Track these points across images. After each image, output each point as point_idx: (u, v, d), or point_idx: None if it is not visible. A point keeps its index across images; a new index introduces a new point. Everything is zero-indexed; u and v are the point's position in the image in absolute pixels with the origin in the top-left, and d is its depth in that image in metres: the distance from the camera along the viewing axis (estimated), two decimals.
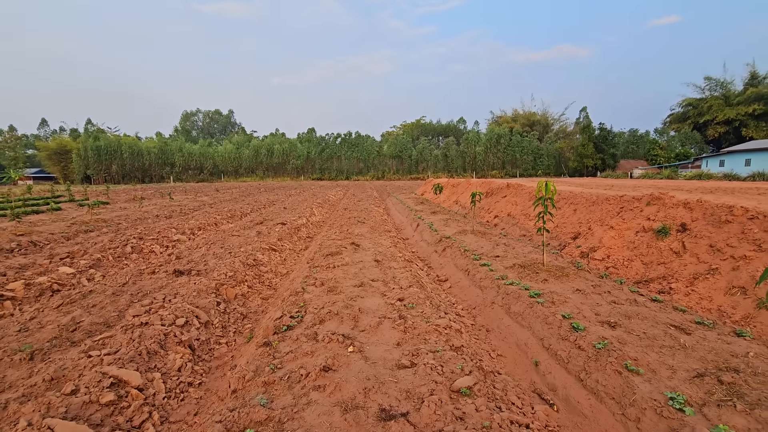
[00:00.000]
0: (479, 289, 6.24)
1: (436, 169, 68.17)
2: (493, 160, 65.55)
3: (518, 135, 65.28)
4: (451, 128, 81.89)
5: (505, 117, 76.44)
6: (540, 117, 73.48)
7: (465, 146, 67.57)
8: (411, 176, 67.09)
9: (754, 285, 4.51)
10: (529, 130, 68.60)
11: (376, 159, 70.92)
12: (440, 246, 9.27)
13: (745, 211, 5.89)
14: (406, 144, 70.65)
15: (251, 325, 5.19)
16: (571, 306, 4.66)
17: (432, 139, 79.22)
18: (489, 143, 65.56)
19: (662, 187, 15.14)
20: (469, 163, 66.89)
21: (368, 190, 34.01)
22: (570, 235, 9.14)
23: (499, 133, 65.36)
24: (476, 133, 70.41)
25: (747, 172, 30.99)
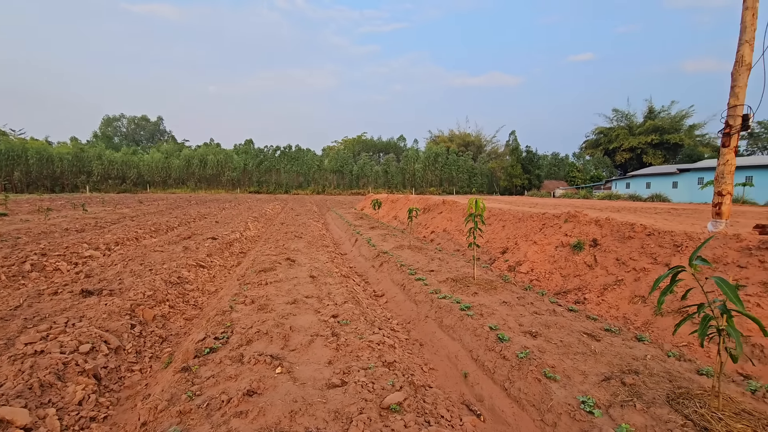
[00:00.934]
0: (414, 304, 6.33)
1: (376, 184, 69.03)
2: (432, 177, 67.94)
3: (454, 154, 68.49)
4: (391, 145, 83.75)
5: (442, 137, 79.90)
6: (474, 138, 77.84)
7: (405, 163, 69.39)
8: (352, 191, 67.25)
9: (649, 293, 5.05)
10: (465, 150, 72.31)
11: (316, 173, 70.22)
12: (378, 261, 9.31)
13: (643, 228, 6.64)
14: (347, 159, 70.88)
15: (171, 349, 4.77)
16: (497, 317, 4.88)
17: (373, 155, 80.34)
18: (427, 161, 67.95)
19: (578, 205, 16.63)
20: (408, 179, 68.67)
21: (308, 205, 33.45)
22: (499, 250, 9.66)
23: (437, 152, 68.08)
24: (415, 151, 72.71)
25: (647, 194, 35.19)
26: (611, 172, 56.63)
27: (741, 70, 5.48)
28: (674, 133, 51.97)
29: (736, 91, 5.56)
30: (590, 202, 24.97)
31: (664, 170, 38.19)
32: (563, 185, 55.21)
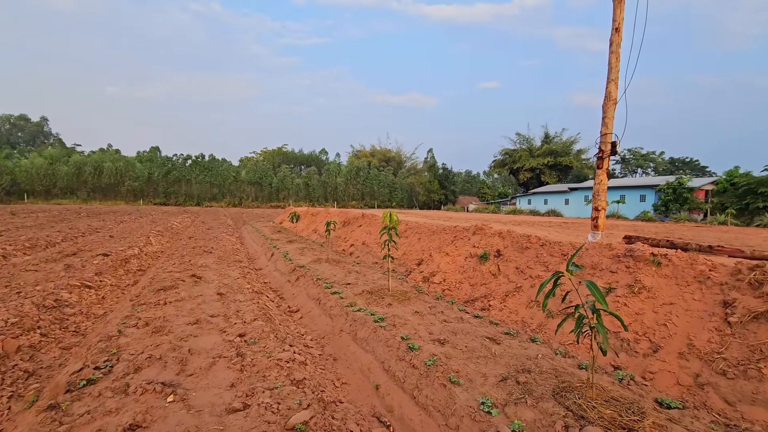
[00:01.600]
0: (329, 318, 6.23)
1: (297, 197, 67.53)
2: (353, 191, 68.44)
3: (375, 169, 69.95)
4: (313, 158, 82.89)
5: (364, 151, 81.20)
6: (395, 154, 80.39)
7: (327, 177, 69.04)
8: (271, 204, 64.88)
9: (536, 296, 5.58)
10: (385, 165, 74.27)
11: (233, 185, 66.55)
12: (294, 276, 9.03)
13: (538, 240, 7.37)
14: (266, 171, 68.41)
15: (39, 385, 4.07)
16: (409, 327, 5.00)
17: (294, 167, 78.67)
18: (349, 175, 68.40)
19: (487, 219, 17.98)
20: (330, 193, 68.33)
21: (222, 218, 31.46)
22: (415, 261, 9.99)
23: (359, 166, 68.95)
24: (337, 165, 72.83)
25: (545, 209, 39.34)
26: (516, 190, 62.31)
27: (609, 104, 6.45)
28: (565, 156, 59.07)
29: (606, 122, 6.51)
30: (498, 216, 27.15)
31: (557, 189, 43.07)
32: (476, 200, 59.34)
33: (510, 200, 51.82)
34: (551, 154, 59.71)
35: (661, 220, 26.83)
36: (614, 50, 6.38)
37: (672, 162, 62.26)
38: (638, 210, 30.29)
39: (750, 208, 23.87)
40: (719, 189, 26.74)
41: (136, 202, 60.51)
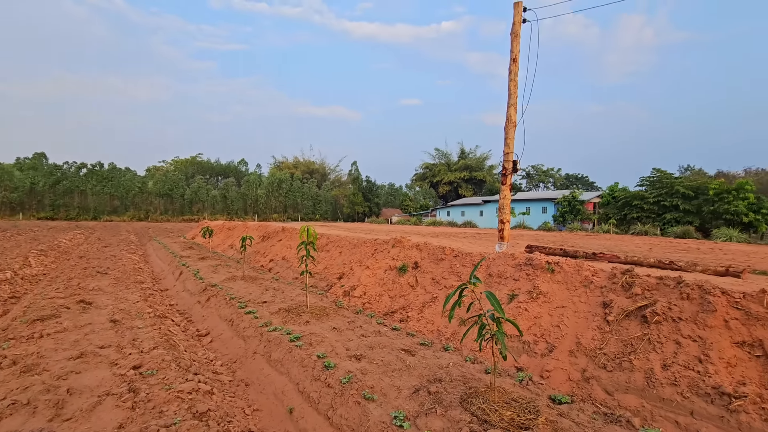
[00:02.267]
0: (242, 340, 5.88)
1: (213, 210, 63.33)
2: (275, 203, 66.18)
3: (299, 181, 68.52)
4: (231, 169, 78.68)
5: (286, 163, 79.22)
6: (318, 166, 79.63)
7: (246, 188, 65.88)
8: (183, 218, 59.98)
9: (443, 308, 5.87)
10: (309, 177, 73.16)
11: (138, 197, 60.33)
12: (204, 296, 8.40)
13: (452, 251, 7.76)
14: (177, 182, 63.23)
15: None
16: (326, 345, 4.91)
17: (210, 178, 73.89)
18: (271, 187, 66.07)
19: (408, 231, 18.53)
20: (250, 205, 65.27)
21: (123, 234, 28.28)
22: (336, 276, 9.90)
23: (281, 178, 66.98)
24: (258, 176, 69.97)
25: (462, 221, 41.76)
26: (436, 202, 65.35)
27: (509, 126, 7.10)
28: (479, 171, 63.62)
29: (507, 142, 7.15)
30: (419, 228, 28.15)
31: (473, 201, 46.12)
32: (399, 213, 60.98)
33: (431, 212, 54.15)
34: (467, 168, 63.86)
35: (559, 229, 30.00)
36: (512, 78, 7.08)
37: (567, 177, 70.25)
38: (541, 220, 33.58)
39: (627, 218, 27.80)
40: (604, 202, 30.77)
41: (14, 217, 51.86)
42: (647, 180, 28.76)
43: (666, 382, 3.83)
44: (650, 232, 23.88)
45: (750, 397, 3.37)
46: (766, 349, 3.63)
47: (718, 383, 3.58)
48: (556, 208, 33.07)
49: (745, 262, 8.62)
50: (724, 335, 3.89)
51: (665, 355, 4.04)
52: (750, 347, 3.74)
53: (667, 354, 4.04)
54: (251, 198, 65.46)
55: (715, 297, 4.10)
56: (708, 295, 4.16)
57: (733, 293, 4.08)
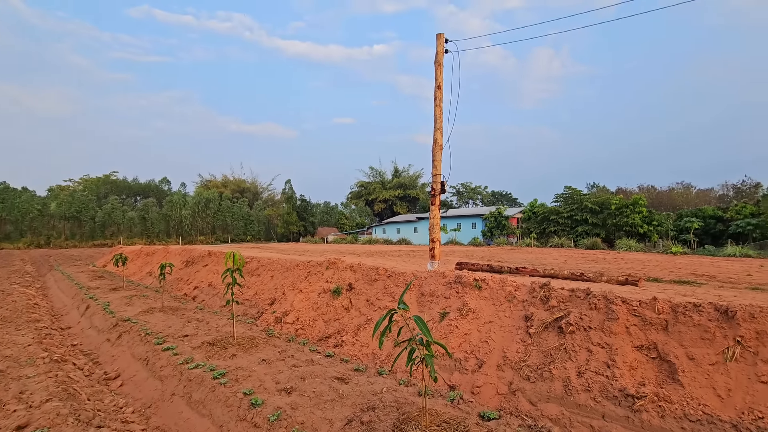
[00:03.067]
0: (159, 381, 5.33)
1: (131, 233, 57.77)
2: (202, 225, 62.21)
3: (228, 200, 65.25)
4: (152, 188, 72.80)
5: (215, 181, 75.24)
6: (250, 185, 76.65)
7: (169, 209, 61.17)
8: (94, 243, 53.91)
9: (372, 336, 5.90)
10: (240, 196, 70.01)
11: (37, 220, 53.19)
12: (115, 332, 7.53)
13: (385, 271, 7.81)
14: (87, 202, 56.92)
15: None
16: (254, 380, 4.62)
17: (127, 198, 67.63)
18: (197, 207, 62.08)
19: (343, 251, 18.40)
20: (174, 227, 60.61)
21: (17, 263, 24.64)
22: (268, 301, 9.45)
23: (209, 198, 63.30)
24: (183, 196, 65.46)
25: (397, 238, 42.50)
26: (372, 219, 65.94)
27: (436, 149, 7.44)
28: (413, 189, 65.63)
29: (435, 164, 7.47)
30: (354, 246, 28.10)
31: (407, 218, 47.26)
32: (335, 231, 60.47)
33: (367, 230, 54.45)
34: (401, 186, 65.54)
35: (487, 244, 31.74)
36: (438, 104, 7.47)
37: (493, 194, 75.04)
38: (471, 236, 35.30)
39: (546, 232, 30.25)
40: (525, 217, 33.24)
41: None
42: (561, 197, 31.67)
43: (581, 388, 4.13)
44: (565, 244, 26.18)
45: (649, 396, 3.75)
46: (660, 351, 4.08)
47: (624, 386, 3.94)
48: (484, 224, 35.02)
49: (641, 270, 9.75)
50: (626, 341, 4.32)
51: (579, 362, 4.37)
52: (647, 350, 4.19)
53: (581, 361, 4.38)
54: (175, 219, 60.92)
55: (617, 306, 4.56)
56: (612, 305, 4.60)
57: (632, 301, 4.56)
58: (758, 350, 3.64)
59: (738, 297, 5.16)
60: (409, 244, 35.22)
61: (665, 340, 4.12)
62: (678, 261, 13.54)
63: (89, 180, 68.93)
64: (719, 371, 3.69)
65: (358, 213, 67.31)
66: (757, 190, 37.51)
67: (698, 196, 45.91)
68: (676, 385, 3.74)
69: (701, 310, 4.09)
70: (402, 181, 66.11)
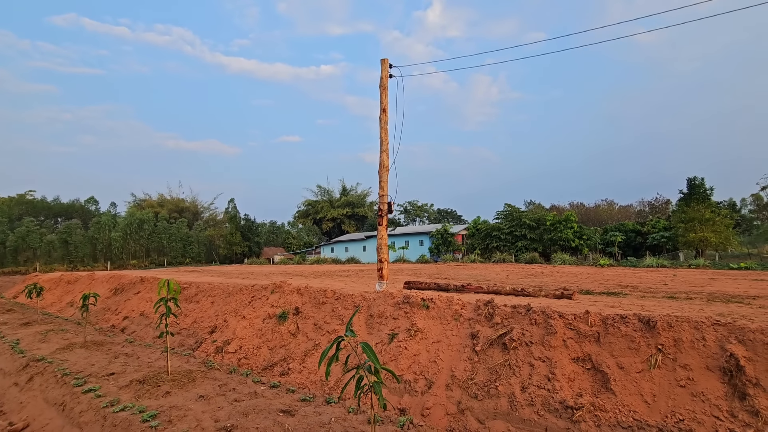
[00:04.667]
0: (78, 428, 4.73)
1: (49, 259, 51.96)
2: (135, 247, 57.59)
3: (165, 221, 61.19)
4: (76, 208, 66.50)
5: (150, 201, 70.36)
6: (189, 204, 72.57)
7: (96, 231, 56.04)
8: (3, 270, 47.80)
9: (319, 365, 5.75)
10: (178, 216, 65.94)
11: None
12: (25, 375, 6.63)
13: (333, 293, 7.67)
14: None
15: None
16: (190, 419, 4.25)
17: (45, 220, 61.09)
18: (129, 228, 57.47)
19: (290, 272, 17.87)
20: (101, 251, 55.52)
21: None
22: (207, 330, 8.87)
23: (142, 218, 58.93)
24: (112, 217, 60.42)
25: (346, 257, 42.16)
26: (320, 239, 64.94)
27: (383, 170, 7.53)
28: (361, 207, 65.81)
29: (382, 185, 7.55)
30: (302, 267, 27.41)
31: (356, 237, 47.12)
32: (281, 251, 58.70)
33: (315, 249, 53.49)
34: (349, 205, 65.48)
35: (434, 260, 32.44)
36: (383, 126, 7.61)
37: (439, 212, 77.34)
38: (419, 253, 35.90)
39: (489, 248, 31.56)
40: (470, 233, 34.51)
41: None
42: (502, 214, 33.35)
43: (525, 403, 4.27)
44: (507, 259, 27.44)
45: (586, 406, 3.95)
46: (594, 361, 4.34)
47: (563, 398, 4.12)
48: (431, 241, 35.83)
49: (575, 283, 10.44)
50: (564, 353, 4.55)
51: (523, 377, 4.52)
52: (583, 362, 4.44)
53: (524, 376, 4.53)
54: (102, 242, 55.89)
55: (555, 320, 4.81)
56: (550, 319, 4.85)
57: (567, 315, 4.83)
58: (676, 356, 3.99)
59: (657, 306, 5.67)
60: (358, 263, 35.06)
61: (598, 351, 4.40)
62: (606, 273, 14.69)
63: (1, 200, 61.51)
64: (645, 378, 3.99)
65: (306, 232, 66.08)
66: (668, 206, 42.05)
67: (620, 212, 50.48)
68: (609, 394, 3.99)
69: (627, 321, 4.43)
70: (350, 200, 66.12)
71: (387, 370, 3.02)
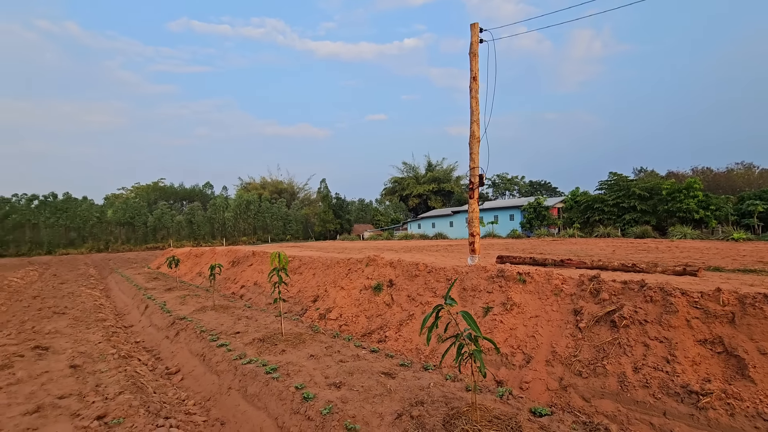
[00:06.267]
0: (216, 375, 5.62)
1: (179, 236, 61.07)
2: (244, 226, 64.66)
3: (267, 202, 67.37)
4: (196, 192, 76.50)
5: (254, 184, 77.85)
6: (287, 185, 78.71)
7: (213, 212, 64.08)
8: (147, 246, 57.50)
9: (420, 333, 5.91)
10: (278, 197, 72.09)
11: (96, 227, 57.39)
12: (173, 330, 8.01)
13: (425, 267, 7.81)
14: (139, 209, 60.73)
15: None
16: (304, 374, 4.78)
17: (174, 203, 71.45)
18: (239, 209, 64.59)
19: (381, 247, 18.53)
20: (218, 229, 63.43)
21: (81, 267, 26.72)
22: (311, 299, 9.72)
23: (249, 200, 65.66)
24: (225, 199, 68.35)
25: (433, 233, 42.23)
26: (406, 215, 65.89)
27: (474, 142, 7.31)
28: (447, 183, 64.84)
29: (472, 157, 7.35)
30: (391, 243, 28.21)
31: (443, 212, 46.80)
32: (370, 228, 60.99)
33: (402, 225, 54.50)
34: (435, 180, 64.94)
35: (527, 236, 30.87)
36: (473, 96, 7.33)
37: (531, 185, 72.79)
38: (509, 228, 34.45)
39: (590, 221, 28.99)
40: (567, 206, 32.00)
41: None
42: (605, 183, 30.20)
43: (638, 384, 3.96)
44: (612, 233, 24.97)
45: (715, 393, 3.53)
46: (726, 345, 3.83)
47: (686, 382, 3.74)
48: (522, 215, 34.06)
49: (700, 259, 9.15)
50: (688, 335, 4.09)
51: (635, 357, 4.19)
52: (711, 344, 3.94)
53: (637, 357, 4.19)
54: (218, 222, 63.70)
55: (676, 298, 4.32)
56: (669, 297, 4.37)
57: (692, 293, 4.30)
58: None
59: None
60: (445, 239, 34.91)
61: (732, 333, 3.87)
62: (741, 248, 12.59)
63: (140, 187, 73.37)
64: None
65: (393, 209, 67.45)
66: None
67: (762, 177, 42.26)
68: (747, 382, 3.51)
69: None
70: (436, 175, 65.46)
71: (488, 339, 3.04)
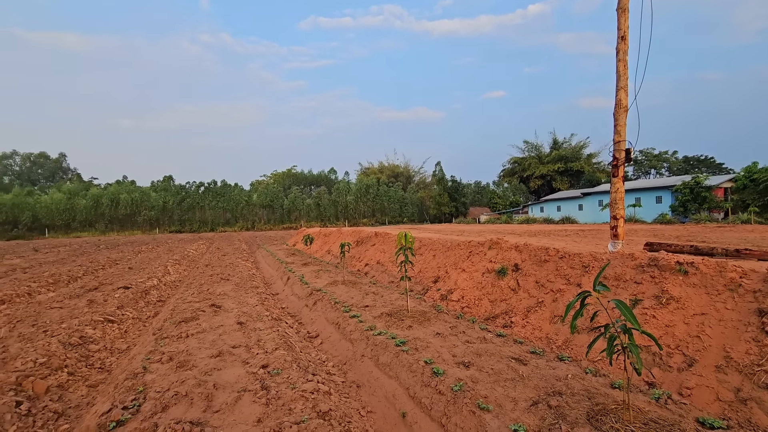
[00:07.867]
0: (350, 343, 6.17)
1: (309, 218, 68.02)
2: (364, 208, 68.71)
3: (385, 185, 70.25)
4: (322, 178, 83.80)
5: (372, 168, 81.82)
6: (403, 169, 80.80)
7: (336, 195, 69.55)
8: (283, 226, 65.49)
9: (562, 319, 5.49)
10: (394, 180, 74.56)
11: (245, 209, 67.48)
12: (311, 300, 9.02)
13: (556, 252, 7.25)
14: (277, 193, 69.28)
15: (69, 426, 4.10)
16: (432, 350, 4.92)
17: (304, 188, 79.59)
18: (359, 193, 68.80)
19: (501, 231, 17.80)
20: (341, 211, 68.70)
21: (236, 243, 31.78)
22: (431, 279, 9.90)
23: (368, 184, 69.36)
24: (346, 183, 73.48)
25: (558, 216, 38.85)
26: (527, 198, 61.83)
27: (620, 111, 6.41)
28: (576, 162, 58.60)
29: (618, 129, 6.46)
30: (511, 227, 26.87)
31: (570, 194, 42.57)
32: (487, 211, 58.96)
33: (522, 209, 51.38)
34: (561, 160, 59.34)
35: (680, 221, 26.23)
36: (621, 58, 6.37)
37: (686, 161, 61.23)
38: (655, 212, 29.69)
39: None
40: (738, 186, 26.13)
41: (152, 231, 61.64)
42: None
43: None
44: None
45: None
46: None
47: None
48: (674, 197, 28.97)
49: None
50: None
51: None
52: None
53: None
54: (341, 204, 68.85)
55: None
56: None
57: None
58: None
59: None
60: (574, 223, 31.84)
61: None
62: None
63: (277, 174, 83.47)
64: None
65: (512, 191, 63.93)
66: None
67: None
68: None
69: None
70: (563, 154, 59.69)
71: (647, 334, 2.70)
